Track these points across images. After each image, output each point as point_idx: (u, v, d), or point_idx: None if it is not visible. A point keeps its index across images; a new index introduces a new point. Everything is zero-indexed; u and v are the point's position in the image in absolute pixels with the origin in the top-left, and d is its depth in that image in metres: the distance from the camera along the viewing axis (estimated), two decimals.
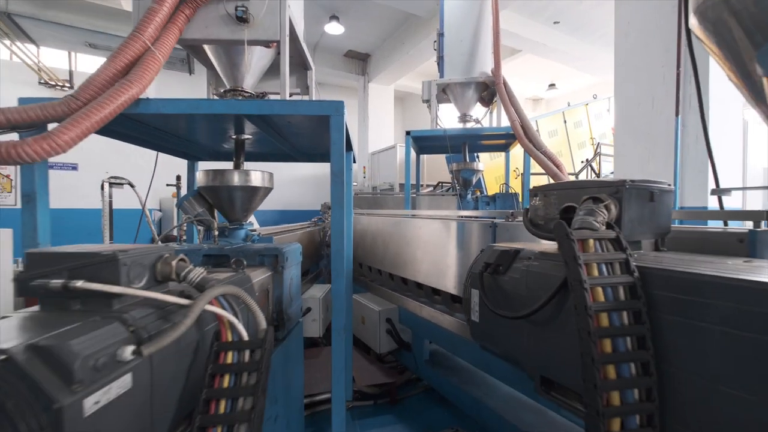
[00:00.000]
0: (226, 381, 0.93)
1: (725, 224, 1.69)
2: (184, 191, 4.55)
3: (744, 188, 1.79)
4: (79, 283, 0.77)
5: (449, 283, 2.59)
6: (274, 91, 2.84)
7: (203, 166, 3.72)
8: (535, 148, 3.81)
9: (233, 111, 1.92)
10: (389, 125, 10.57)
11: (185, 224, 2.72)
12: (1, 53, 7.22)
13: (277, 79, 2.76)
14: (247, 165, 2.60)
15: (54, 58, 7.47)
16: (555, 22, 8.15)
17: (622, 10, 4.06)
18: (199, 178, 2.43)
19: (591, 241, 0.94)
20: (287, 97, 2.23)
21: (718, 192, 1.64)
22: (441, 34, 5.03)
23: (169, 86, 7.79)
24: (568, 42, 8.58)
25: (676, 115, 3.31)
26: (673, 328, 0.87)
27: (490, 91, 4.84)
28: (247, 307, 1.04)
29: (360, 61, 10.26)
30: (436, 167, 8.05)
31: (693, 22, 1.41)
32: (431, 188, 7.39)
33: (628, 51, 3.98)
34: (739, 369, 0.77)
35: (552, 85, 11.69)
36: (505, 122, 4.30)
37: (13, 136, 1.56)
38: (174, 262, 0.94)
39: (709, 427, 0.81)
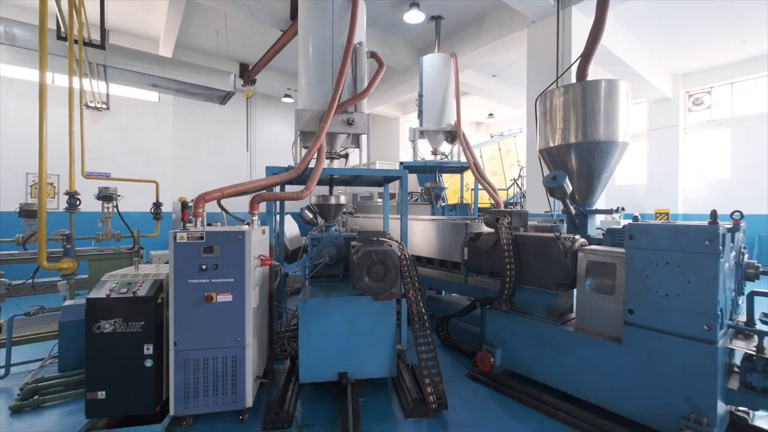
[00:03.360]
0: (406, 268, 3.24)
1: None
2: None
3: (562, 212, 4.44)
4: (381, 237, 3.06)
5: (440, 254, 5.02)
6: (348, 146, 5.06)
7: (290, 188, 5.78)
8: (481, 178, 6.38)
9: (356, 173, 4.16)
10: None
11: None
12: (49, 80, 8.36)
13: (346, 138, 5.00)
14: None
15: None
16: (493, 75, 11.04)
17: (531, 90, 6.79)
18: (313, 199, 4.61)
19: (502, 227, 3.39)
20: (372, 166, 4.49)
21: (547, 212, 4.23)
22: (421, 96, 7.45)
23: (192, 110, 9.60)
24: (503, 88, 11.54)
25: None
26: (521, 251, 3.35)
27: (452, 134, 7.37)
28: (401, 245, 3.35)
29: None
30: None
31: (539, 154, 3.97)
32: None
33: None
34: (535, 258, 3.26)
35: (491, 115, 14.77)
36: (462, 157, 6.86)
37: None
38: (386, 234, 3.24)
39: (524, 271, 3.31)
